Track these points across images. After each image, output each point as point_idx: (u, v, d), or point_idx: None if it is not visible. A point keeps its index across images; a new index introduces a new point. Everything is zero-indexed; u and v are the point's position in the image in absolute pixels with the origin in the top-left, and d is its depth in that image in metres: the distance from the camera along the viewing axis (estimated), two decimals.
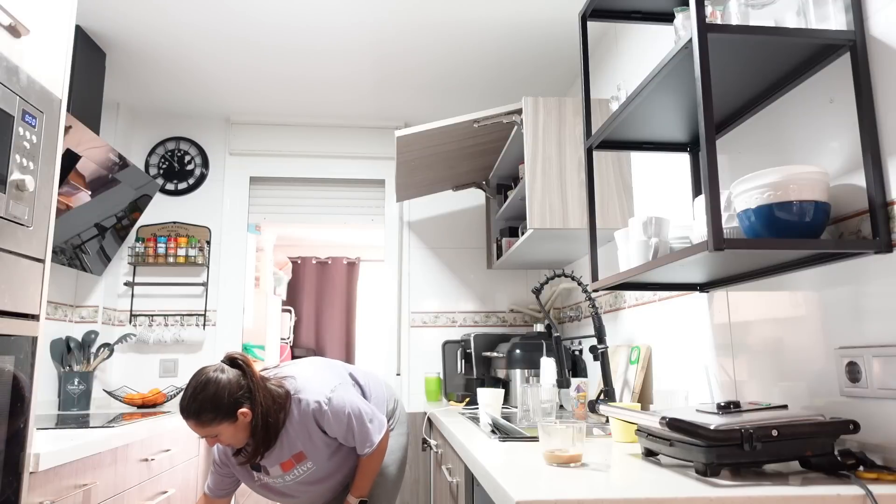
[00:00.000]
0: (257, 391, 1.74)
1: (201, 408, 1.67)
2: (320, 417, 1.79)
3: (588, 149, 1.69)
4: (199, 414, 1.67)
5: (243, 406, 1.71)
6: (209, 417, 1.67)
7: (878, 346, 1.12)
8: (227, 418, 1.69)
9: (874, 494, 0.96)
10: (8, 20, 1.40)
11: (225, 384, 1.70)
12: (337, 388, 1.87)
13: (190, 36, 2.57)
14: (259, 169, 3.42)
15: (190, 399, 1.68)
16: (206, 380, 1.70)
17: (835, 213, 1.23)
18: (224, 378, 1.71)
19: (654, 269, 1.34)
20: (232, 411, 1.69)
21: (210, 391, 1.68)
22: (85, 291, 3.02)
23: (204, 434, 1.71)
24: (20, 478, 1.41)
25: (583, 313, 2.85)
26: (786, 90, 1.35)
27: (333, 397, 1.82)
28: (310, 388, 1.83)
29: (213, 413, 1.67)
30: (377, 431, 1.88)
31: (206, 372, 1.73)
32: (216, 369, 1.74)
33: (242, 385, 1.73)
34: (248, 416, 1.71)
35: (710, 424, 1.07)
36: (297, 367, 1.95)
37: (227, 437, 1.72)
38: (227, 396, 1.69)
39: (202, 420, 1.68)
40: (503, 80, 3.01)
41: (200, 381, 1.70)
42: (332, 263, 5.70)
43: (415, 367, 3.31)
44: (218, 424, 1.69)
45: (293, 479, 1.87)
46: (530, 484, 1.05)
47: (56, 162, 1.58)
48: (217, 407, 1.67)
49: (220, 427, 1.69)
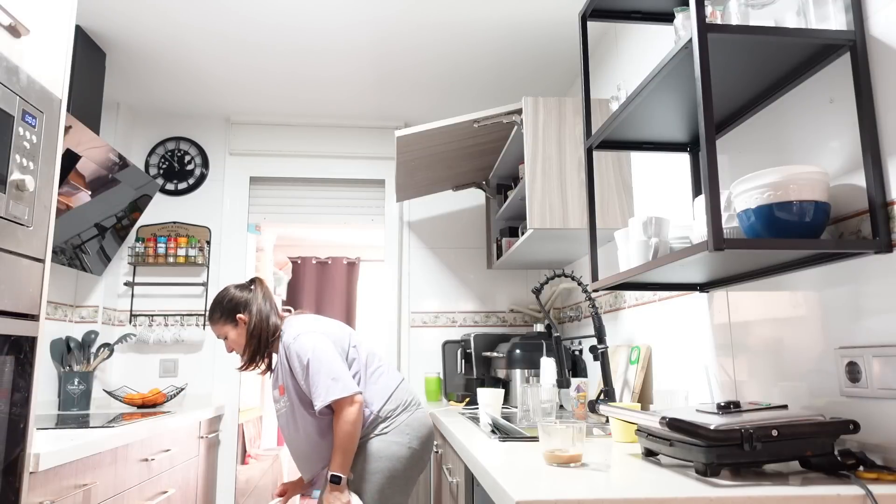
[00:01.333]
0: (254, 304, 2.06)
1: (213, 308, 2.08)
2: (289, 354, 1.97)
3: (588, 149, 1.69)
4: (213, 313, 2.08)
5: (241, 313, 2.06)
6: (216, 317, 2.07)
7: (878, 346, 1.12)
8: (228, 320, 2.06)
9: (874, 494, 0.96)
10: (8, 20, 1.40)
11: (233, 294, 2.08)
12: (310, 333, 1.99)
13: (190, 36, 2.57)
14: (259, 169, 3.42)
15: (211, 303, 2.13)
16: (225, 289, 2.11)
17: (835, 213, 1.23)
18: (236, 291, 2.09)
19: (654, 269, 1.34)
20: (232, 314, 2.06)
21: (221, 296, 2.09)
22: (85, 291, 3.02)
23: (217, 334, 2.09)
24: (20, 478, 1.41)
25: (583, 313, 2.85)
26: (786, 90, 1.35)
27: (301, 337, 1.97)
28: (294, 326, 2.03)
29: (219, 313, 2.07)
30: (337, 391, 1.87)
31: (230, 285, 2.14)
32: (236, 285, 2.13)
33: (247, 298, 2.08)
34: (245, 322, 2.05)
35: (710, 424, 1.07)
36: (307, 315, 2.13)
37: (231, 339, 2.07)
38: (228, 302, 2.07)
39: (212, 318, 2.08)
40: (503, 80, 3.01)
41: (222, 290, 2.12)
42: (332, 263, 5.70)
43: (415, 367, 3.31)
44: (223, 325, 2.06)
45: (282, 408, 2.03)
46: (530, 484, 1.05)
47: (56, 162, 1.58)
48: (223, 309, 2.06)
49: (225, 328, 2.06)
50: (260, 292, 2.10)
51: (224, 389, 3.17)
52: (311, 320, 2.07)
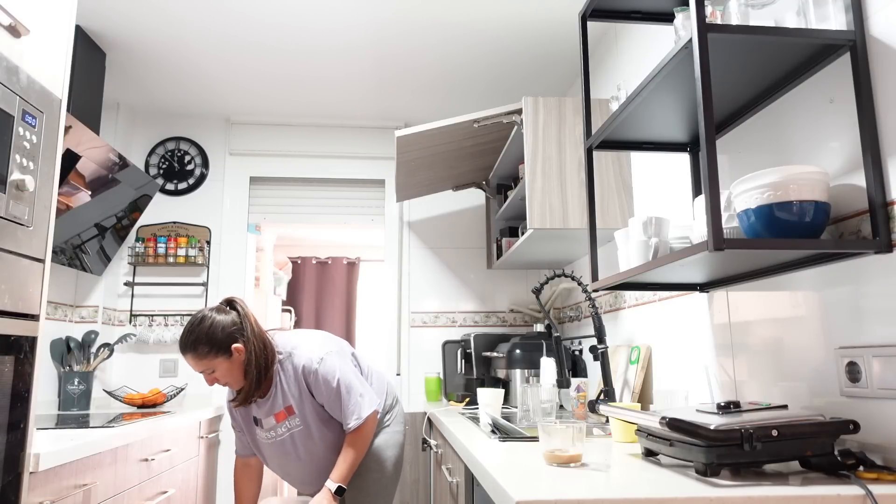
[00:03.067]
0: (249, 330, 1.83)
1: (197, 340, 1.77)
2: (309, 377, 1.85)
3: (588, 149, 1.69)
4: (196, 347, 1.78)
5: (237, 342, 1.81)
6: (205, 350, 1.78)
7: (878, 346, 1.12)
8: (221, 352, 1.79)
9: (874, 494, 0.96)
10: (8, 20, 1.40)
11: (220, 320, 1.81)
12: (331, 354, 1.91)
13: (190, 36, 2.57)
14: (259, 169, 3.42)
15: (187, 333, 1.79)
16: (203, 316, 1.82)
17: (835, 213, 1.23)
18: (219, 316, 1.83)
19: (654, 269, 1.34)
20: (226, 346, 1.80)
21: (206, 325, 1.79)
22: (85, 291, 3.02)
23: (201, 369, 1.81)
24: (20, 478, 1.41)
25: (583, 313, 2.85)
26: (786, 90, 1.35)
27: (326, 359, 1.87)
28: (305, 347, 1.90)
29: (209, 346, 1.78)
30: (367, 406, 1.87)
31: (204, 310, 1.85)
32: (213, 308, 1.86)
33: (237, 323, 1.83)
34: (241, 353, 1.81)
35: (710, 424, 1.07)
36: (299, 331, 2.02)
37: (222, 372, 1.82)
38: (220, 331, 1.79)
39: (199, 353, 1.78)
40: (503, 80, 3.01)
41: (197, 318, 1.82)
42: (332, 263, 5.70)
43: (415, 367, 3.31)
44: (213, 358, 1.79)
45: (286, 431, 1.90)
46: (530, 484, 1.05)
47: (56, 162, 1.58)
48: (212, 340, 1.78)
49: (215, 361, 1.80)
50: (248, 315, 1.87)
51: (224, 389, 3.17)
52: (319, 339, 1.97)
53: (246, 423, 1.99)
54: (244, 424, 2.00)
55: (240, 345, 1.82)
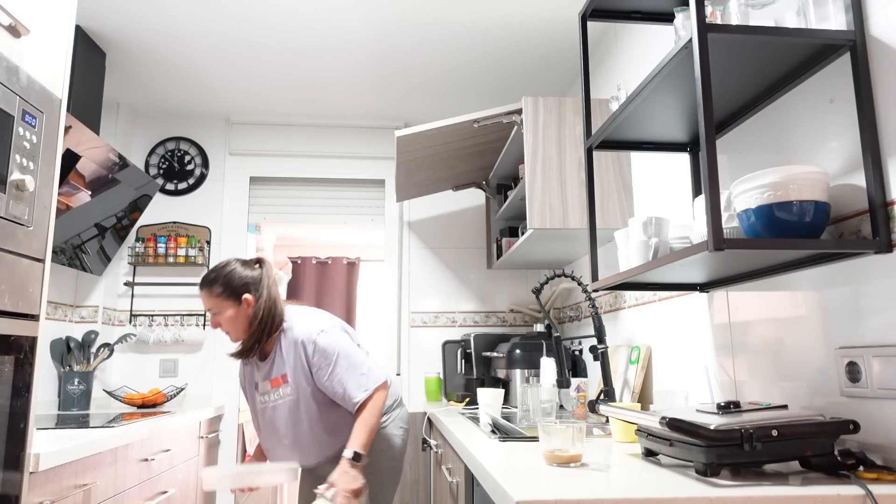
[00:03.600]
0: (265, 288, 1.94)
1: (215, 279, 1.92)
2: (308, 347, 1.90)
3: (588, 149, 1.69)
4: (212, 285, 1.92)
5: (249, 293, 1.92)
6: (218, 291, 1.91)
7: (878, 346, 1.12)
8: (232, 298, 1.91)
9: (874, 494, 0.96)
10: (8, 20, 1.40)
11: (241, 271, 1.95)
12: (333, 329, 1.94)
13: (190, 36, 2.57)
14: (259, 169, 3.42)
15: (210, 272, 1.95)
16: (228, 262, 1.97)
17: (835, 213, 1.23)
18: (242, 267, 1.96)
19: (654, 269, 1.34)
20: (238, 294, 1.92)
21: (227, 270, 1.94)
22: (85, 291, 3.02)
23: (209, 307, 1.93)
24: (20, 478, 1.41)
25: (583, 313, 2.85)
26: (786, 90, 1.35)
27: (326, 332, 1.92)
28: (309, 319, 1.96)
29: (223, 287, 1.91)
30: (374, 379, 1.88)
31: (231, 260, 2.00)
32: (240, 260, 2.00)
33: (256, 279, 1.95)
34: (250, 305, 1.91)
35: (710, 424, 1.07)
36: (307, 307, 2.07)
37: (227, 318, 1.92)
38: (237, 279, 1.93)
39: (212, 291, 1.91)
40: (503, 80, 3.01)
41: (224, 262, 1.98)
42: (332, 263, 5.69)
43: (415, 367, 3.31)
44: (223, 301, 1.91)
45: (278, 399, 1.94)
46: (530, 484, 1.06)
47: (56, 162, 1.58)
48: (227, 284, 1.92)
49: (224, 304, 1.91)
50: (270, 277, 1.99)
51: (224, 389, 3.17)
52: (324, 315, 2.02)
53: (249, 386, 2.05)
54: (247, 386, 2.06)
55: (250, 297, 1.92)
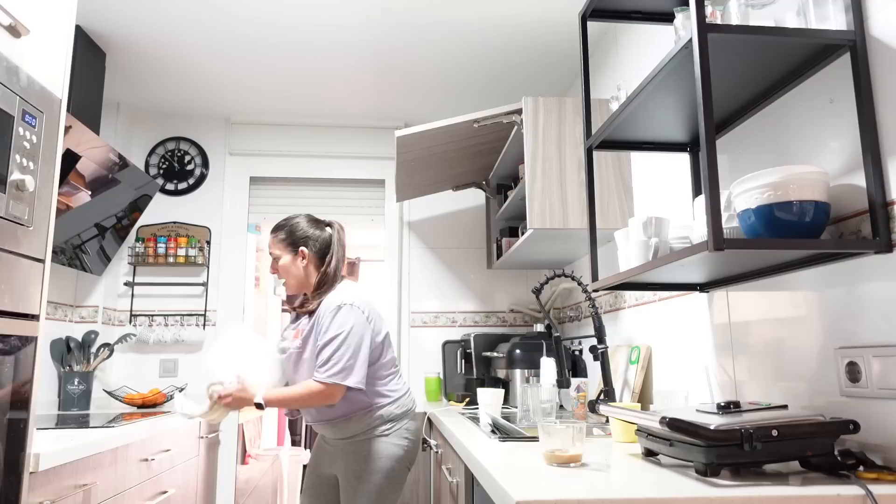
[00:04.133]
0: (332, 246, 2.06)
1: (282, 227, 2.07)
2: (329, 312, 1.92)
3: (588, 149, 1.69)
4: (277, 231, 2.06)
5: (306, 248, 2.03)
6: (280, 237, 2.05)
7: (878, 346, 1.12)
8: (290, 247, 2.04)
9: (874, 494, 0.96)
10: (8, 20, 1.40)
11: (306, 227, 2.07)
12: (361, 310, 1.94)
13: (190, 36, 2.57)
14: (259, 169, 3.42)
15: (282, 220, 2.09)
16: (299, 217, 2.10)
17: (835, 213, 1.23)
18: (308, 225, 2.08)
19: (654, 269, 1.34)
20: (296, 244, 2.04)
21: (294, 221, 2.08)
22: (85, 291, 3.02)
23: (271, 251, 2.06)
24: (20, 478, 1.41)
25: (583, 313, 2.85)
26: (786, 90, 1.35)
27: (353, 307, 1.94)
28: (349, 290, 2.01)
29: (284, 235, 2.05)
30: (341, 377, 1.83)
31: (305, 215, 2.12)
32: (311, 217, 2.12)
33: (319, 237, 2.06)
34: (305, 258, 2.03)
35: (710, 424, 1.07)
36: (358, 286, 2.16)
37: (284, 265, 2.04)
38: (300, 231, 2.05)
39: (276, 236, 2.06)
40: (503, 80, 3.01)
41: (295, 215, 2.11)
42: None
43: (415, 367, 3.31)
44: (283, 248, 2.04)
45: (289, 348, 2.01)
46: (530, 484, 1.05)
47: (56, 162, 1.58)
48: (290, 233, 2.05)
49: (283, 251, 2.04)
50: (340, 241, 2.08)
51: None
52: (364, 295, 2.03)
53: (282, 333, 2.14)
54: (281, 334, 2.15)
55: (306, 251, 2.02)
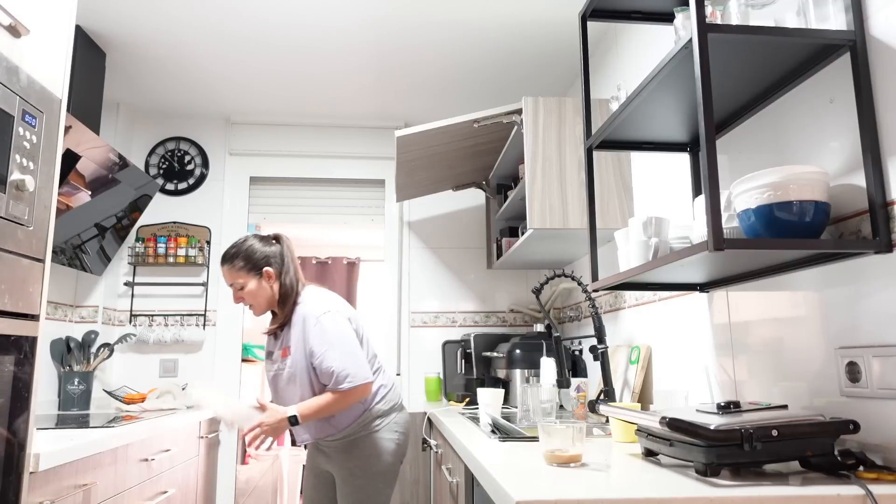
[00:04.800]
0: (288, 261, 2.04)
1: (236, 255, 2.01)
2: (309, 322, 1.94)
3: (588, 149, 1.69)
4: (233, 260, 2.01)
5: (270, 266, 2.02)
6: (240, 265, 2.01)
7: (878, 346, 1.12)
8: (253, 271, 2.01)
9: (874, 494, 0.96)
10: (8, 20, 1.40)
11: (260, 246, 2.04)
12: (339, 313, 1.97)
13: (190, 35, 2.57)
14: (259, 169, 3.42)
15: (230, 248, 2.05)
16: (246, 238, 2.06)
17: (835, 213, 1.23)
18: (261, 243, 2.05)
19: (654, 269, 1.34)
20: (259, 267, 2.01)
21: (247, 245, 2.04)
22: (85, 291, 3.02)
23: (231, 282, 2.02)
24: (20, 478, 1.41)
25: (583, 313, 2.85)
26: (786, 90, 1.35)
27: (332, 312, 1.96)
28: (318, 297, 2.02)
29: (244, 262, 2.01)
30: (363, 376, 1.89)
31: (251, 235, 2.08)
32: (258, 236, 2.08)
33: (276, 254, 2.05)
34: (271, 278, 2.01)
35: (710, 424, 1.07)
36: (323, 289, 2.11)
37: (249, 291, 2.01)
38: (258, 253, 2.02)
39: (234, 266, 2.01)
40: (503, 80, 3.01)
41: (242, 238, 2.07)
42: (332, 263, 5.69)
43: (415, 367, 3.31)
44: (245, 275, 2.00)
45: (282, 369, 2.00)
46: (530, 484, 1.06)
47: (56, 162, 1.58)
48: (248, 258, 2.01)
49: (246, 278, 2.01)
50: (290, 251, 2.07)
51: (224, 389, 3.17)
52: (334, 297, 2.06)
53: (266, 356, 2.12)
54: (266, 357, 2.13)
55: (271, 270, 2.01)
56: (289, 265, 2.04)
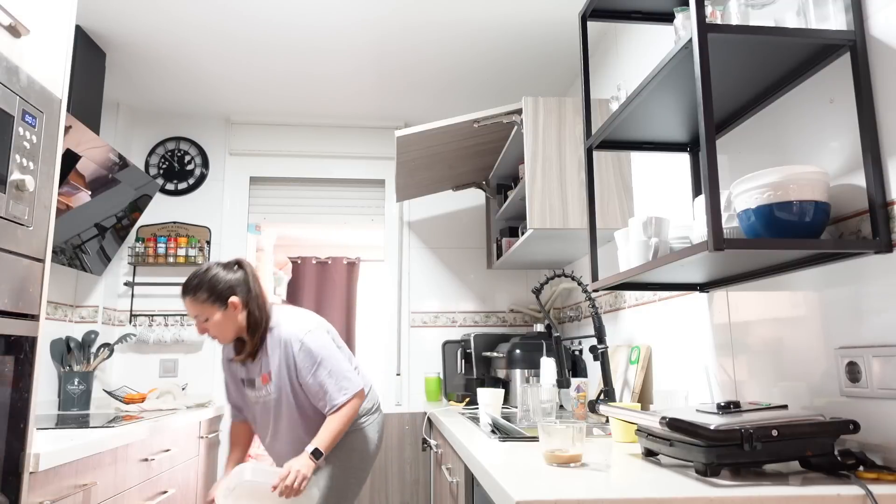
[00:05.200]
0: (254, 288, 1.94)
1: (199, 286, 1.89)
2: (292, 346, 1.91)
3: (588, 149, 1.69)
4: (196, 292, 1.88)
5: (235, 296, 1.91)
6: (203, 297, 1.88)
7: (878, 346, 1.12)
8: (218, 302, 1.89)
9: (874, 494, 0.96)
10: (8, 20, 1.40)
11: (223, 275, 1.92)
12: (318, 330, 1.96)
13: (190, 35, 2.57)
14: (259, 169, 3.42)
15: (191, 278, 1.91)
16: (209, 267, 1.94)
17: (835, 213, 1.23)
18: (224, 271, 1.93)
19: (654, 269, 1.34)
20: (224, 297, 1.90)
21: (209, 275, 1.91)
22: (85, 291, 3.02)
23: (195, 314, 1.90)
24: (20, 478, 1.41)
25: (583, 313, 2.85)
26: (786, 90, 1.35)
27: (313, 332, 1.94)
28: (295, 319, 1.97)
29: (208, 293, 1.88)
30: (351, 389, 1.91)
31: (212, 264, 1.96)
32: (220, 263, 1.97)
33: (241, 281, 1.94)
34: (238, 308, 1.91)
35: (710, 424, 1.07)
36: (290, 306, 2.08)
37: (214, 323, 1.90)
38: (223, 283, 1.90)
39: (197, 298, 1.88)
40: (503, 80, 3.01)
41: (203, 267, 1.94)
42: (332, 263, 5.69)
43: (415, 367, 3.31)
44: (210, 306, 1.89)
45: (267, 395, 1.97)
46: (530, 484, 1.05)
47: (56, 162, 1.58)
48: (212, 289, 1.89)
49: (211, 310, 1.89)
50: (254, 277, 1.98)
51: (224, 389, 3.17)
52: (309, 315, 2.04)
53: (236, 386, 2.07)
54: (234, 388, 2.09)
55: (237, 299, 1.90)
56: (255, 291, 1.95)
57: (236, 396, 2.12)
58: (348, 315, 5.64)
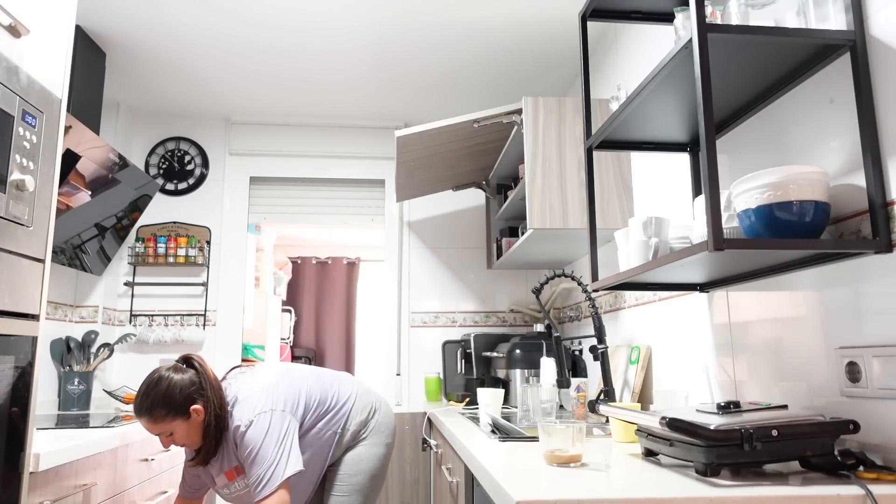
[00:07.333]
0: (209, 389, 1.71)
1: (154, 404, 1.65)
2: (237, 437, 1.71)
3: (588, 149, 1.69)
4: (152, 411, 1.65)
5: (196, 403, 1.69)
6: (162, 414, 1.65)
7: (878, 346, 1.12)
8: (179, 415, 1.67)
9: (874, 494, 0.96)
10: (8, 20, 1.40)
11: (177, 381, 1.69)
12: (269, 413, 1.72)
13: (190, 36, 2.57)
14: (259, 169, 3.42)
15: (143, 397, 1.67)
16: (159, 377, 1.69)
17: (835, 213, 1.23)
18: (177, 376, 1.70)
19: (654, 269, 1.34)
20: (184, 408, 1.68)
21: (162, 387, 1.67)
22: (85, 291, 3.02)
23: (157, 432, 1.68)
24: (20, 478, 1.41)
25: (583, 313, 2.85)
26: (786, 90, 1.35)
27: (259, 420, 1.70)
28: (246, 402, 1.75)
29: (166, 409, 1.66)
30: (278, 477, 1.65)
31: (160, 370, 1.72)
32: (169, 368, 1.73)
33: (195, 382, 1.72)
34: (201, 414, 1.69)
35: (710, 424, 1.07)
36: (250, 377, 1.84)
37: (180, 435, 1.70)
38: (179, 393, 1.67)
39: (155, 416, 1.66)
40: (503, 80, 3.01)
41: (153, 379, 1.69)
42: (332, 263, 5.70)
43: (415, 367, 3.31)
44: (171, 421, 1.67)
45: (238, 491, 1.80)
46: (530, 484, 1.06)
47: (56, 162, 1.58)
48: (169, 402, 1.66)
49: (173, 424, 1.68)
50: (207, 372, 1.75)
51: None
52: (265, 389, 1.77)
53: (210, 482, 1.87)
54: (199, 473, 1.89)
55: (199, 406, 1.69)
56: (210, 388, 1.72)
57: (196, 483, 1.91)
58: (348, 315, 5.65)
